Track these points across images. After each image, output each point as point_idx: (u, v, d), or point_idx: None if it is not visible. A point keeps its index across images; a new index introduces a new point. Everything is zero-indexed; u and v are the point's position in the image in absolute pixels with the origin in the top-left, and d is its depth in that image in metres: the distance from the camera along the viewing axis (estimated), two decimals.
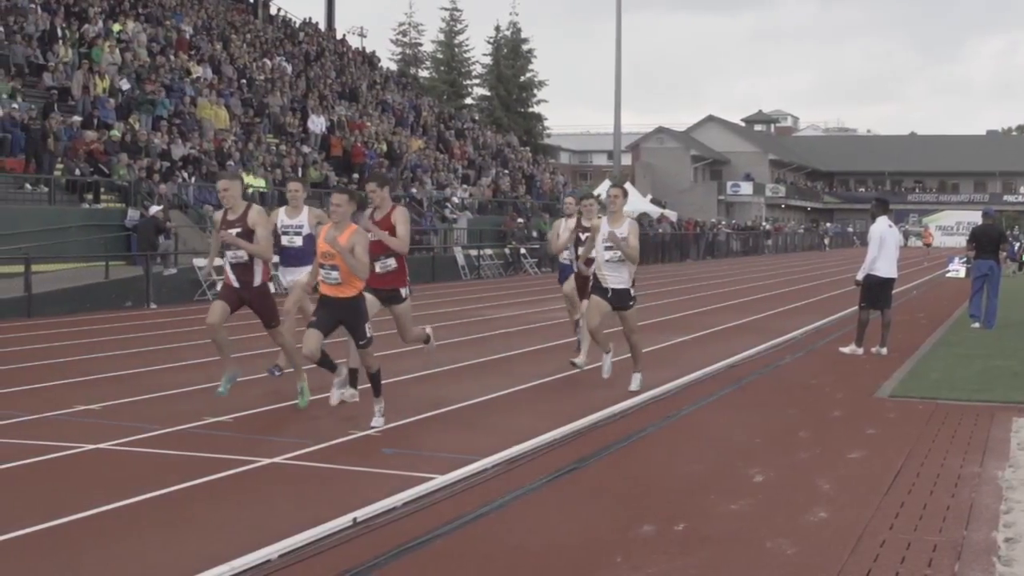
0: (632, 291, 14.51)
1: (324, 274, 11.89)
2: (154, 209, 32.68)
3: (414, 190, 49.95)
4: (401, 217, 13.07)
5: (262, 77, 50.92)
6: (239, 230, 12.61)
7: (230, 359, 13.30)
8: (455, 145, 60.12)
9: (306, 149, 46.21)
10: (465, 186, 55.69)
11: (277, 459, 10.47)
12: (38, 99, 36.97)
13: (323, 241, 11.83)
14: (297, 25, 65.40)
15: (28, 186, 33.07)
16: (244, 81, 49.12)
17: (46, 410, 12.89)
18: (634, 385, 14.75)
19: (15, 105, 34.41)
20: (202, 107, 43.11)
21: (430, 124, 61.17)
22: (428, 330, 14.37)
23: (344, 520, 8.31)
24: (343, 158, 47.91)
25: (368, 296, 12.50)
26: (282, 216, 15.48)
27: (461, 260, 46.05)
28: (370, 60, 68.56)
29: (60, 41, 40.66)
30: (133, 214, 33.24)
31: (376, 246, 12.71)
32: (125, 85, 40.49)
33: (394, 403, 12.99)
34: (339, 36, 70.27)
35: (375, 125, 53.78)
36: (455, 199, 52.45)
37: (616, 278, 14.31)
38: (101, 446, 11.05)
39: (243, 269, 12.82)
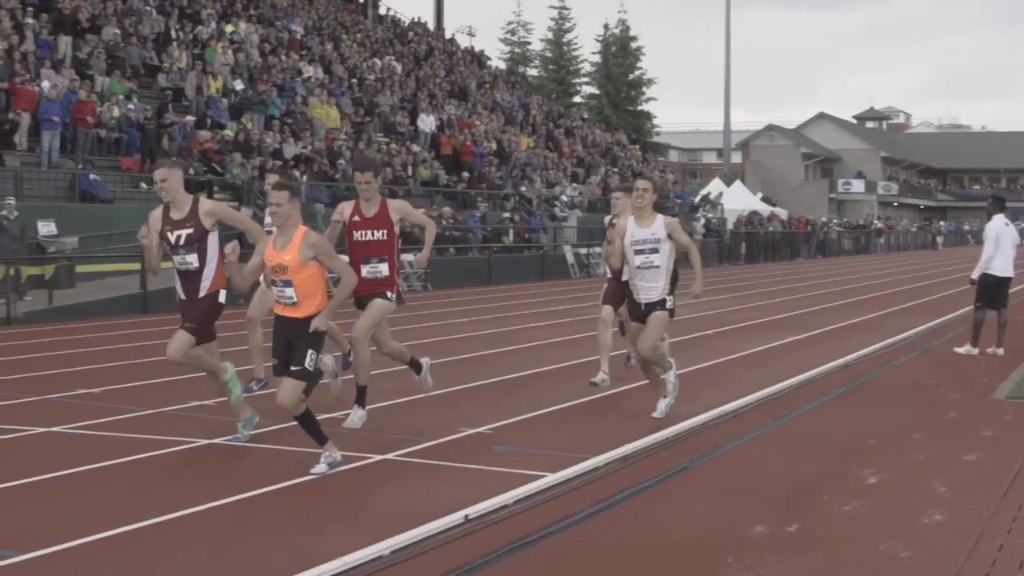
0: (669, 300, 12.44)
1: (277, 292, 9.85)
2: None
3: (523, 188, 50.05)
4: (404, 206, 12.13)
5: (372, 77, 51.27)
6: (191, 230, 10.75)
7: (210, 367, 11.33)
8: (564, 143, 60.11)
9: (416, 148, 46.46)
10: (574, 184, 55.67)
11: (389, 455, 10.54)
12: (153, 99, 37.55)
13: (271, 253, 9.81)
14: (406, 25, 65.74)
15: (144, 185, 33.56)
16: (355, 80, 49.50)
17: (162, 405, 13.09)
18: (659, 409, 12.55)
19: (131, 105, 34.99)
20: (313, 106, 43.53)
21: (539, 122, 61.22)
22: (425, 361, 12.83)
23: (456, 517, 8.33)
24: (453, 157, 48.10)
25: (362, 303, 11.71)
26: (267, 220, 12.94)
27: (570, 258, 46.00)
28: (479, 59, 68.74)
29: (174, 42, 41.28)
30: (246, 213, 33.60)
31: (370, 247, 11.66)
32: (238, 85, 41.01)
33: (507, 400, 13.03)
34: (448, 35, 70.53)
35: (484, 124, 53.93)
36: (564, 197, 52.44)
37: (650, 288, 12.33)
38: (214, 441, 11.19)
39: (190, 278, 10.93)
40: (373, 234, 11.66)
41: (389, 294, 11.81)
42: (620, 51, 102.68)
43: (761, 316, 25.38)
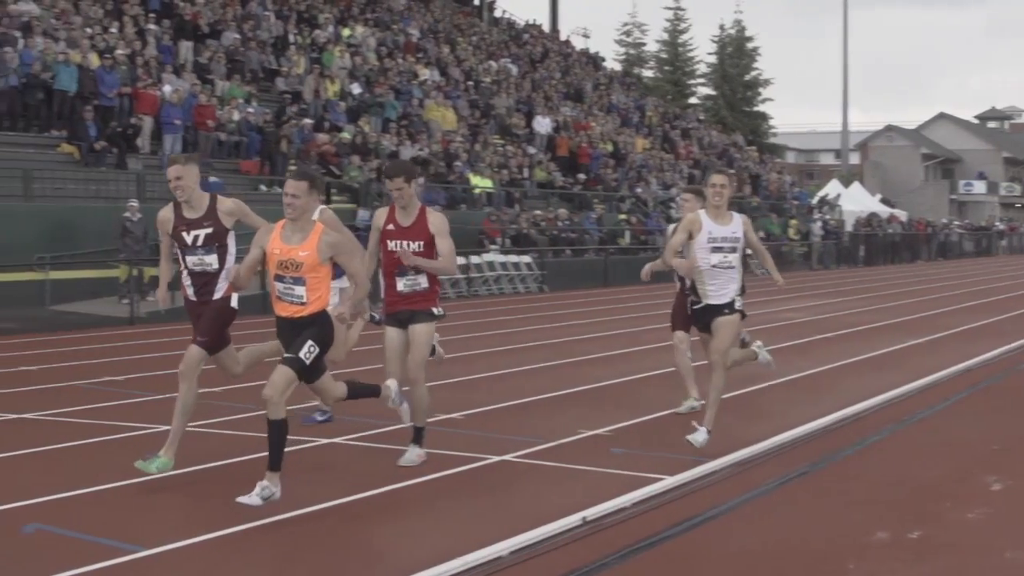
0: (738, 301, 11.19)
1: (283, 289, 8.93)
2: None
3: (639, 190, 49.92)
4: (442, 226, 10.42)
5: (488, 79, 51.43)
6: (210, 230, 9.92)
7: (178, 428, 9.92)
8: (680, 145, 59.82)
9: (532, 149, 46.53)
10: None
11: (507, 456, 10.57)
12: (272, 103, 38.00)
13: (280, 246, 8.97)
14: (521, 27, 65.84)
15: (263, 187, 34.07)
16: (470, 83, 49.69)
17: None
18: (695, 437, 10.77)
19: (250, 109, 35.47)
20: (430, 109, 43.77)
21: (655, 124, 60.98)
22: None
23: (574, 519, 8.33)
24: (569, 158, 48.08)
25: (391, 333, 10.49)
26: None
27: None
28: (594, 61, 68.64)
29: (292, 47, 41.76)
30: (363, 214, 33.90)
31: (394, 259, 10.34)
32: (355, 88, 41.37)
33: (625, 402, 13.00)
34: (563, 37, 70.51)
35: (600, 125, 53.84)
36: (680, 199, 52.16)
37: (720, 292, 11.08)
38: (334, 440, 11.30)
39: (203, 280, 10.02)
40: (408, 245, 10.30)
41: (435, 311, 10.64)
42: (736, 52, 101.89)
43: (881, 319, 25.07)
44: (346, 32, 46.09)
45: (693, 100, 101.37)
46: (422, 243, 10.30)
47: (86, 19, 35.32)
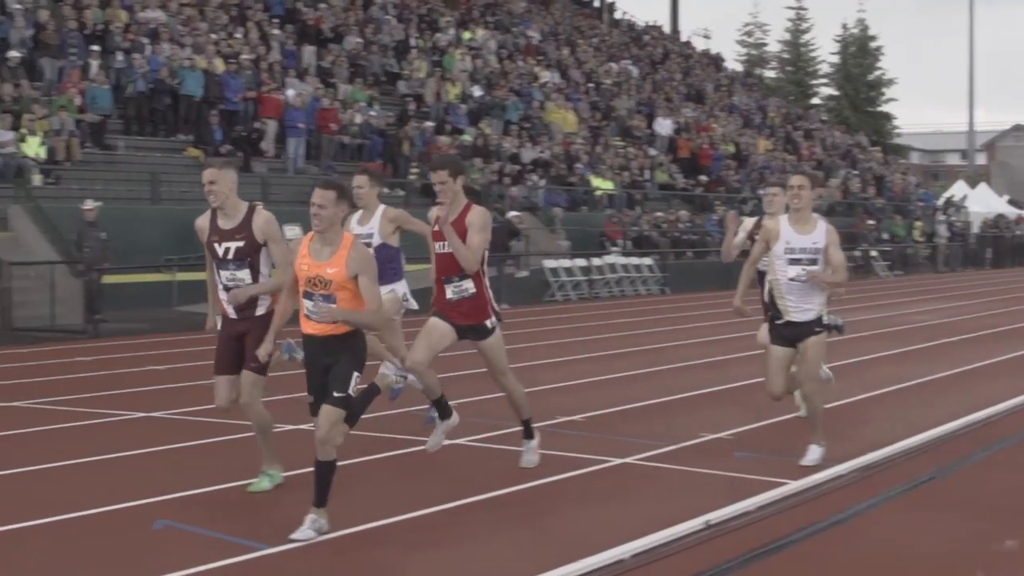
0: (825, 317, 10.43)
1: (312, 308, 8.18)
2: (512, 214, 33.38)
3: (761, 191, 49.50)
4: (480, 221, 9.76)
5: (609, 81, 51.34)
6: (241, 243, 9.20)
7: (269, 446, 9.56)
8: (803, 146, 59.22)
9: (653, 151, 46.37)
10: (813, 187, 54.74)
11: (628, 459, 10.53)
12: (394, 106, 38.29)
13: (308, 261, 8.24)
14: (641, 28, 65.65)
15: (385, 190, 34.27)
16: (591, 85, 49.65)
17: (403, 405, 13.28)
18: (809, 458, 10.29)
19: (372, 112, 35.78)
20: (550, 111, 43.81)
21: (777, 125, 60.45)
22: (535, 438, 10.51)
23: (696, 523, 8.27)
24: (690, 160, 47.83)
25: (436, 322, 9.90)
26: (353, 224, 11.39)
27: None
28: (715, 61, 68.22)
29: (414, 50, 42.04)
30: None
31: (449, 262, 9.74)
32: (476, 91, 41.53)
33: (748, 405, 12.89)
34: (684, 38, 70.17)
35: (722, 126, 53.50)
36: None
37: (802, 307, 10.23)
38: (457, 441, 11.33)
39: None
40: (446, 245, 9.75)
41: (489, 323, 9.89)
42: (859, 51, 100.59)
43: (1011, 322, 24.59)
44: (467, 35, 46.31)
45: (816, 100, 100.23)
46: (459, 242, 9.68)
47: (212, 25, 35.86)
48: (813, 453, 10.34)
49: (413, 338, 10.12)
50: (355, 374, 8.19)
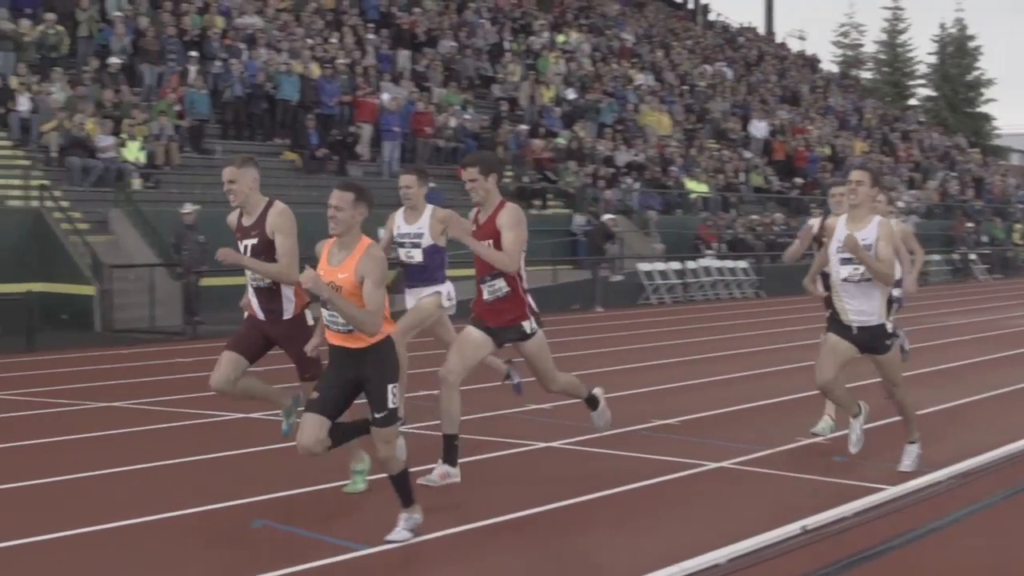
0: (889, 325, 10.02)
1: (329, 317, 7.94)
2: (607, 217, 33.36)
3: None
4: (511, 219, 9.31)
5: (703, 83, 51.12)
6: (255, 240, 9.13)
7: (279, 393, 9.77)
8: (900, 147, 58.57)
9: (748, 154, 46.10)
10: (911, 189, 54.21)
11: (724, 463, 10.48)
12: (488, 109, 38.40)
13: (324, 267, 7.97)
14: (736, 30, 65.30)
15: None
16: (685, 87, 49.46)
17: (500, 408, 13.33)
18: (905, 464, 10.17)
19: (467, 116, 35.92)
20: (645, 114, 43.71)
21: (873, 126, 59.83)
22: (597, 391, 10.41)
23: (793, 528, 8.21)
24: (785, 162, 47.49)
25: (470, 329, 9.57)
26: (399, 221, 11.19)
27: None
28: (811, 63, 67.68)
29: (508, 53, 42.13)
30: (579, 219, 34.06)
31: (483, 261, 9.42)
32: (570, 94, 41.54)
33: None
34: (779, 40, 69.71)
35: (817, 128, 53.05)
36: (900, 203, 51.12)
37: (861, 309, 9.77)
38: (552, 444, 11.35)
39: (268, 296, 9.20)
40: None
41: (527, 326, 9.48)
42: (957, 51, 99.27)
43: None
44: (561, 38, 46.34)
45: (913, 101, 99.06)
46: (491, 241, 9.31)
47: (307, 30, 36.20)
48: (909, 456, 10.22)
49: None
50: (390, 387, 7.90)
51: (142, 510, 8.72)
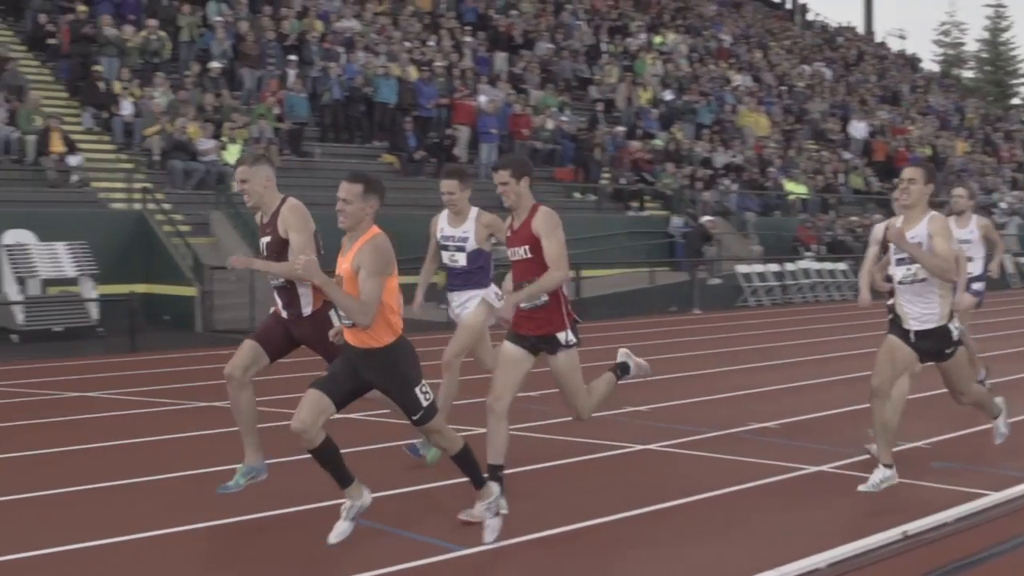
0: (953, 328, 9.19)
1: (340, 312, 7.81)
2: (705, 218, 33.24)
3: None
4: (547, 224, 8.70)
5: (802, 83, 50.75)
6: (269, 238, 8.88)
7: (253, 442, 9.17)
8: (1003, 148, 57.73)
9: (847, 155, 45.67)
10: (1014, 190, 53.43)
11: (824, 467, 10.40)
12: (585, 111, 38.42)
13: (339, 259, 7.79)
14: (834, 29, 64.74)
15: (577, 195, 34.52)
16: (783, 88, 49.12)
17: (597, 409, 13.31)
18: (1000, 432, 10.20)
19: (564, 117, 35.95)
20: (743, 115, 43.48)
21: (975, 126, 59.04)
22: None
23: (894, 533, 8.13)
24: (885, 163, 46.99)
25: (508, 347, 8.91)
26: (442, 224, 10.92)
27: (1009, 267, 44.16)
28: (911, 62, 66.95)
29: (604, 55, 42.10)
30: (677, 221, 33.95)
31: (519, 269, 8.85)
32: (667, 95, 41.42)
33: (947, 415, 12.61)
34: (878, 39, 69.05)
35: (918, 129, 52.45)
36: (1003, 204, 50.40)
37: (920, 310, 9.10)
38: (649, 447, 11.33)
39: (286, 295, 8.97)
40: (517, 251, 8.85)
41: (562, 338, 8.81)
42: None
43: None
44: (658, 39, 46.23)
45: (1016, 101, 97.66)
46: (527, 247, 8.74)
47: (405, 33, 36.44)
48: (1001, 427, 10.34)
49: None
50: (415, 389, 7.69)
51: (245, 508, 8.81)
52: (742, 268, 32.45)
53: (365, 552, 7.79)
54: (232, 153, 27.25)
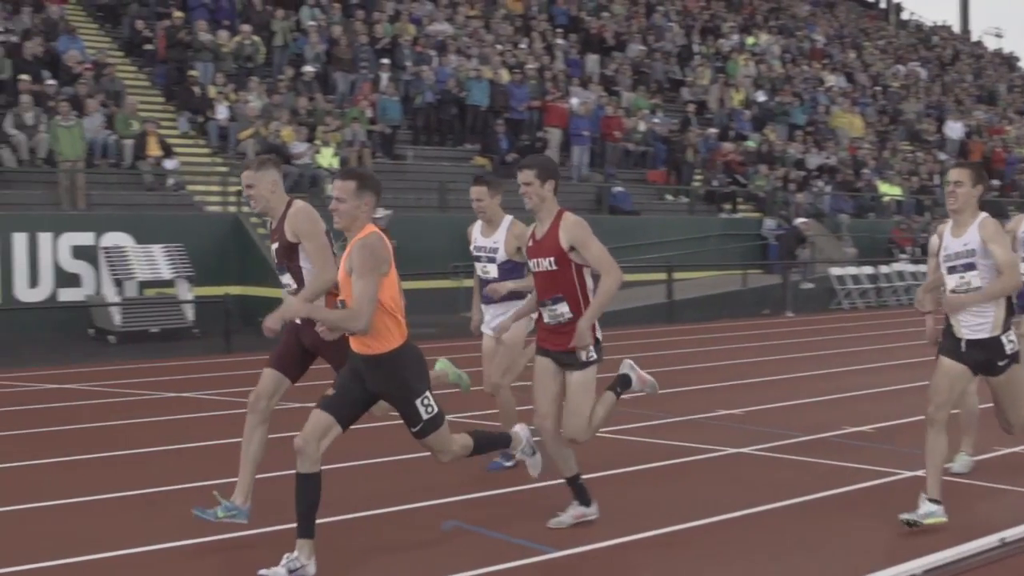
0: (1006, 341, 8.43)
1: None
2: (799, 220, 33.01)
3: None
4: (581, 233, 8.18)
5: (896, 83, 50.22)
6: (277, 244, 8.32)
7: (246, 483, 8.39)
8: None
9: (943, 156, 45.13)
10: None
11: (919, 472, 10.23)
12: (677, 113, 38.28)
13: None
14: (930, 29, 64.01)
15: (669, 197, 34.41)
16: (878, 88, 48.65)
17: (689, 413, 13.28)
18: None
19: (656, 119, 35.85)
20: (836, 116, 43.11)
21: None
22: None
23: (991, 540, 8.02)
24: (982, 164, 46.31)
25: (541, 362, 8.47)
26: (476, 233, 10.55)
27: None
28: (1008, 61, 65.99)
29: (696, 56, 41.94)
30: (770, 223, 33.73)
31: (544, 282, 8.33)
32: (760, 97, 41.16)
33: None
34: (974, 38, 68.14)
35: (1016, 129, 51.70)
36: None
37: (973, 319, 8.40)
38: (742, 450, 11.26)
39: None
40: (540, 263, 8.30)
41: (583, 354, 8.27)
42: None
43: None
44: (750, 40, 45.96)
45: None
46: (553, 259, 8.20)
47: (497, 36, 36.53)
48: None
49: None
50: (417, 400, 7.37)
51: (338, 508, 8.87)
52: (836, 271, 32.17)
53: (457, 553, 7.81)
54: (325, 156, 27.46)
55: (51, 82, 25.69)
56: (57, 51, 26.97)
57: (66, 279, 22.51)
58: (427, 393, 7.40)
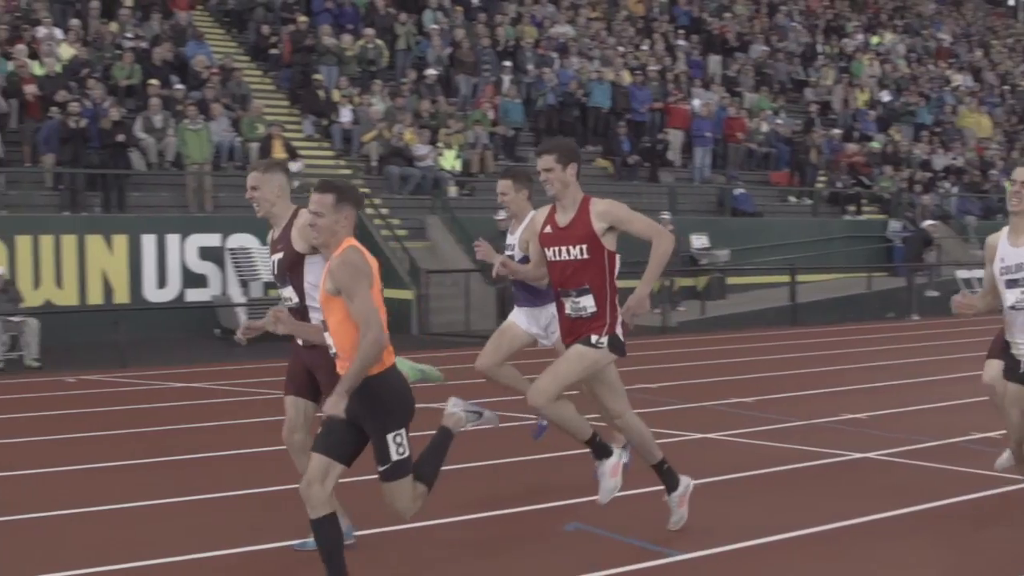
0: None
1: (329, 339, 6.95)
2: (927, 223, 32.56)
3: None
4: (620, 210, 7.87)
5: None
6: (281, 255, 7.78)
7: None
8: None
9: None
10: None
11: None
12: (800, 114, 37.94)
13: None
14: None
15: (792, 199, 34.13)
16: (1007, 87, 47.80)
17: (814, 416, 13.16)
18: None
19: (779, 120, 35.58)
20: (963, 116, 42.43)
21: None
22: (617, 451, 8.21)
23: None
24: None
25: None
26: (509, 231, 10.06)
27: None
28: None
29: (820, 57, 41.54)
30: (895, 225, 33.31)
31: (566, 273, 7.81)
32: (885, 97, 40.66)
33: None
34: None
35: None
36: None
37: None
38: (868, 455, 11.13)
39: (299, 318, 7.65)
40: (568, 252, 7.78)
41: (594, 338, 7.70)
42: None
43: None
44: (875, 40, 45.43)
45: None
46: (585, 247, 7.72)
47: (618, 38, 36.51)
48: None
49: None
50: (388, 436, 6.69)
51: (465, 508, 8.93)
52: (963, 274, 31.64)
53: (581, 555, 7.81)
54: (448, 159, 27.67)
55: (179, 86, 26.22)
56: (185, 56, 27.49)
57: (193, 280, 22.93)
58: (403, 431, 6.74)
